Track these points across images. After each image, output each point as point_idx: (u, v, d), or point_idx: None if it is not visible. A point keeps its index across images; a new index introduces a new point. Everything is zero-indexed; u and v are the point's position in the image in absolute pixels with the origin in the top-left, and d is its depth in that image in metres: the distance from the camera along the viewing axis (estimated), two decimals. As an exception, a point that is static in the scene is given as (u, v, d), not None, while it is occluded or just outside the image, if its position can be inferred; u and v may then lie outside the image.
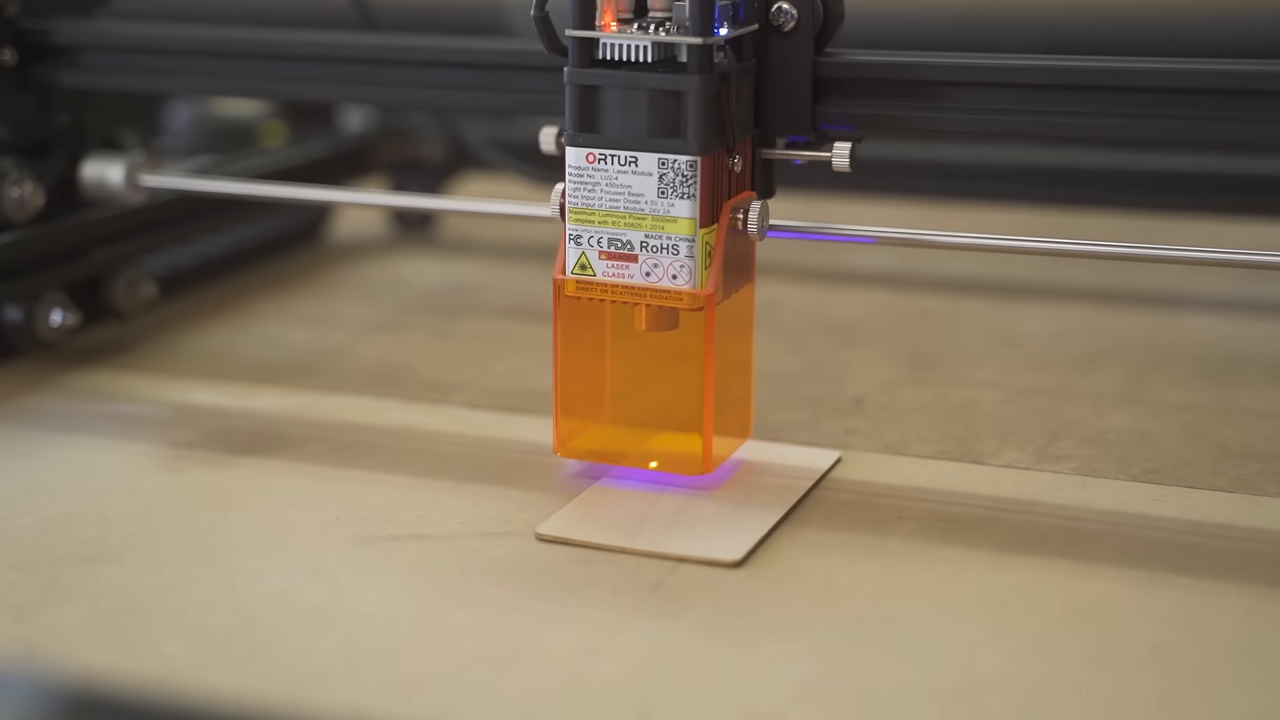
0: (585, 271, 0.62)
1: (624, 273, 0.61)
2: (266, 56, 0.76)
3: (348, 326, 0.87)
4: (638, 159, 0.60)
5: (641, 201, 0.60)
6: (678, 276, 0.60)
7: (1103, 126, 0.63)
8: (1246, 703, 0.49)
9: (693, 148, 0.59)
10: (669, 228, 0.60)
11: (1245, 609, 0.55)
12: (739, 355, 0.65)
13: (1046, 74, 0.63)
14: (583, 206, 0.61)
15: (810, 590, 0.56)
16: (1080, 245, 0.65)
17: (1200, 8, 1.16)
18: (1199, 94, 0.61)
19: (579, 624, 0.54)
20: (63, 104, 0.80)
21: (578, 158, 0.61)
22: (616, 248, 0.61)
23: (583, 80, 0.60)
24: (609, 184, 0.61)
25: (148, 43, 0.78)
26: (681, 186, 0.60)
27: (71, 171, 0.80)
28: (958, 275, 0.96)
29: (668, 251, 0.60)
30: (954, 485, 0.65)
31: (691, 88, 0.59)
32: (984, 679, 0.50)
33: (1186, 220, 0.95)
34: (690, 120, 0.59)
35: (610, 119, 0.60)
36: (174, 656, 0.52)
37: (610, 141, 0.60)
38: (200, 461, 0.67)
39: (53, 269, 0.78)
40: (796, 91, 0.64)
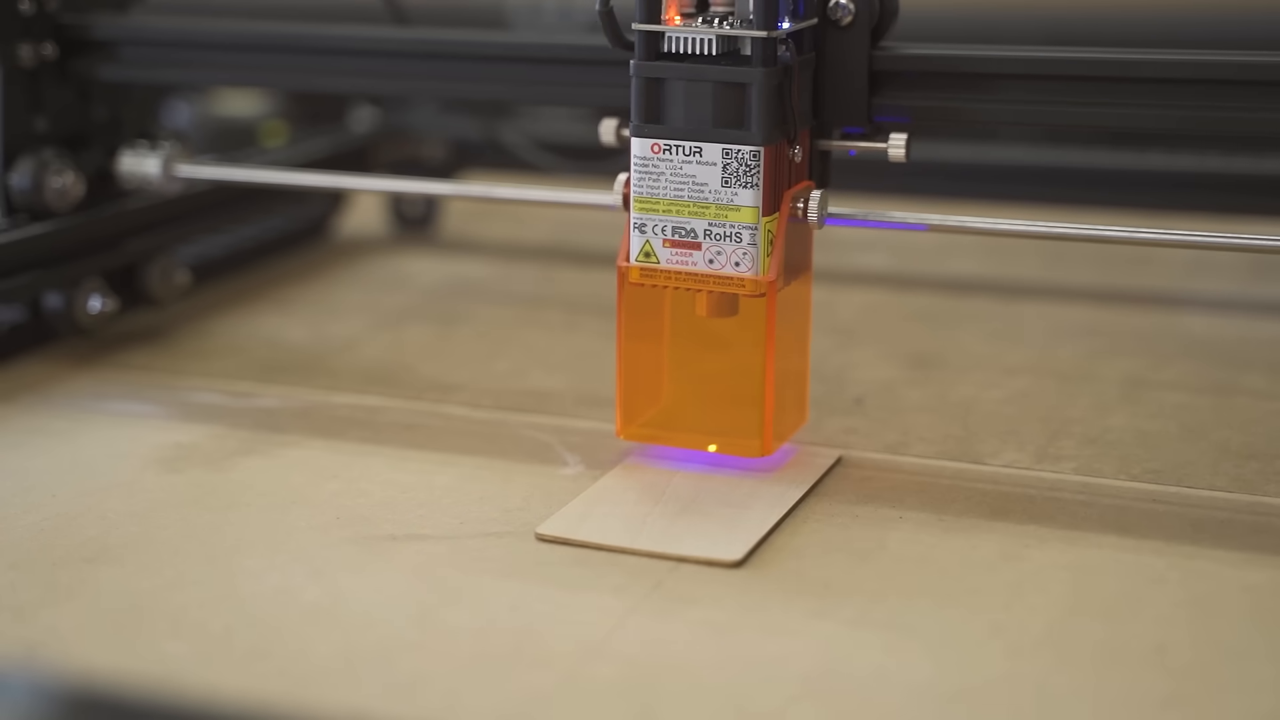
0: (649, 259, 0.63)
1: (687, 260, 0.63)
2: (298, 50, 0.78)
3: (348, 326, 0.87)
4: (702, 149, 0.62)
5: (705, 190, 0.62)
6: (740, 263, 0.62)
7: (1164, 119, 0.64)
8: (1249, 703, 0.49)
9: (756, 138, 0.61)
10: (732, 216, 0.62)
11: (1247, 609, 0.55)
12: (797, 340, 0.67)
13: (1106, 67, 0.64)
14: (647, 195, 0.63)
15: (810, 590, 0.56)
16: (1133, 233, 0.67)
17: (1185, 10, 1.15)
18: (1266, 87, 0.62)
19: (579, 624, 0.54)
20: (101, 97, 0.82)
21: (643, 148, 0.63)
22: (680, 235, 0.62)
23: (649, 73, 0.62)
24: (673, 173, 0.62)
25: (182, 37, 0.81)
26: (745, 176, 0.61)
27: (109, 162, 0.82)
28: (958, 275, 0.96)
29: (731, 239, 0.62)
30: (954, 485, 0.65)
31: (756, 80, 0.61)
32: (985, 679, 0.50)
33: (1186, 220, 0.95)
34: (754, 111, 0.61)
35: (675, 110, 0.62)
36: (174, 656, 0.52)
37: (675, 132, 0.62)
38: (200, 461, 0.67)
39: (92, 257, 0.80)
40: (853, 84, 0.65)
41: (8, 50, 0.78)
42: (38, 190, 0.78)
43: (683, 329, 0.66)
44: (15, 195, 0.79)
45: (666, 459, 0.66)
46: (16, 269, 0.77)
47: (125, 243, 0.82)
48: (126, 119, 0.83)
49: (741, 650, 0.52)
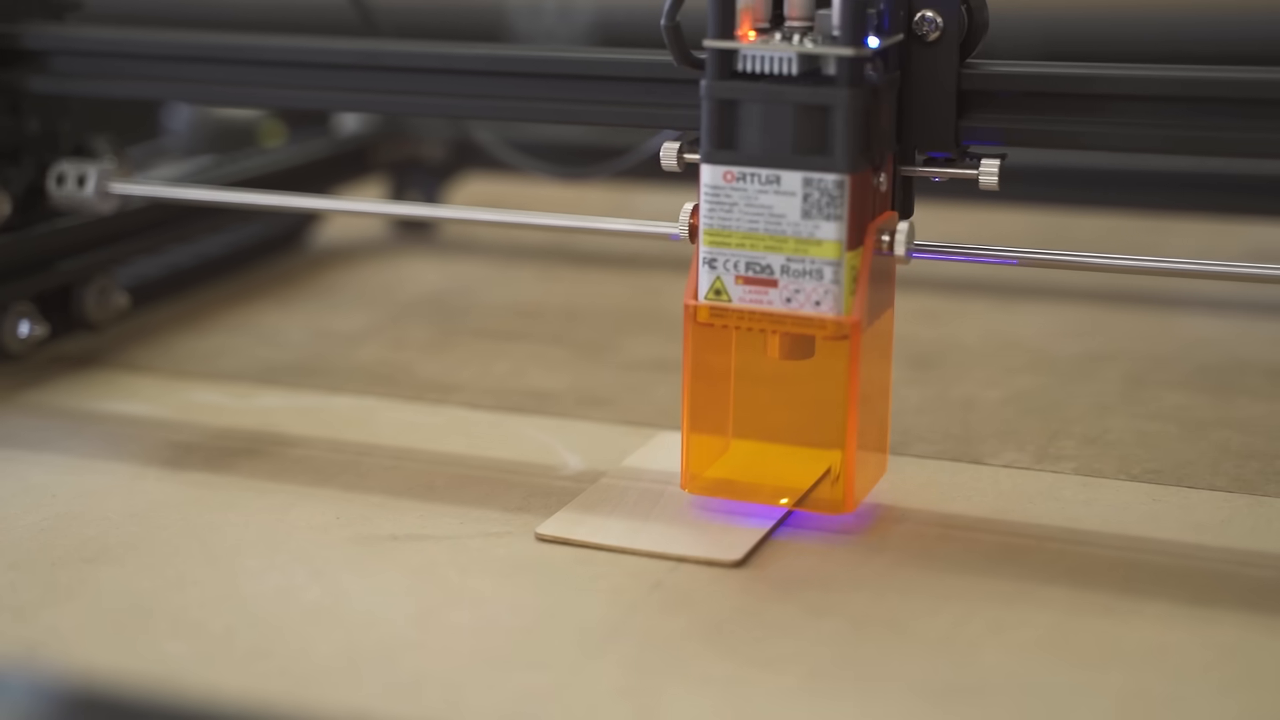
0: (720, 297, 0.58)
1: (762, 299, 0.58)
2: (242, 62, 0.74)
3: (348, 326, 0.87)
4: (780, 178, 0.57)
5: (783, 223, 0.57)
6: (821, 303, 0.57)
7: (1272, 143, 0.60)
8: (1250, 703, 0.49)
9: (840, 165, 0.56)
10: (813, 251, 0.57)
11: (1247, 609, 0.55)
12: (879, 384, 0.61)
13: (1209, 86, 0.59)
14: (719, 228, 0.58)
15: (810, 590, 0.56)
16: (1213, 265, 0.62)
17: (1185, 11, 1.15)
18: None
19: (579, 624, 0.54)
20: (32, 110, 0.78)
21: (714, 176, 0.58)
22: (755, 272, 0.58)
23: (722, 94, 0.57)
24: (748, 204, 0.57)
25: (120, 48, 0.76)
26: (827, 207, 0.56)
27: (40, 179, 0.77)
28: (958, 275, 0.96)
29: (811, 276, 0.57)
30: (954, 485, 0.65)
31: (840, 102, 0.56)
32: (984, 679, 0.50)
33: (1186, 220, 0.96)
34: (838, 136, 0.56)
35: (750, 135, 0.57)
36: (175, 656, 0.52)
37: (751, 159, 0.57)
38: (200, 461, 0.67)
39: (21, 279, 0.76)
40: (940, 105, 0.61)
41: (-69, 62, 0.74)
42: (-40, 208, 0.74)
43: (750, 371, 0.61)
44: (-63, 214, 0.74)
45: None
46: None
47: (57, 264, 0.78)
48: (62, 132, 0.79)
49: (742, 650, 0.52)
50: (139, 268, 0.87)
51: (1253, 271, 0.63)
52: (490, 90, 0.70)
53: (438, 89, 0.71)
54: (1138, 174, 0.93)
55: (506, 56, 0.70)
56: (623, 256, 1.01)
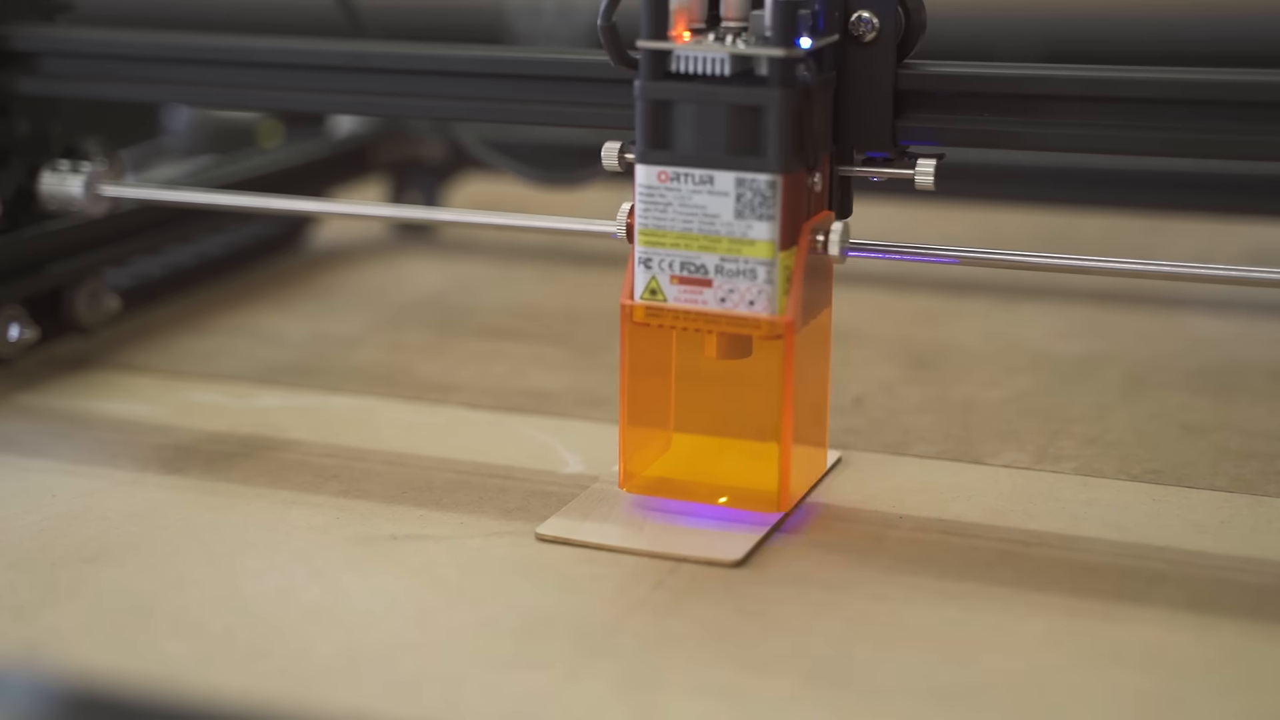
0: (655, 296, 0.58)
1: (697, 298, 0.58)
2: (233, 63, 0.73)
3: (348, 327, 0.87)
4: (714, 178, 0.57)
5: (717, 223, 0.57)
6: (755, 302, 0.57)
7: (1223, 146, 0.60)
8: (1250, 703, 0.49)
9: (773, 166, 0.56)
10: (746, 250, 0.57)
11: (1246, 609, 0.55)
12: (816, 383, 0.62)
13: (1148, 87, 0.59)
14: (653, 228, 0.58)
15: (810, 590, 0.56)
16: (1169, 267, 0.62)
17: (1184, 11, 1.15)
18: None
19: (579, 624, 0.54)
20: (21, 111, 0.77)
21: (649, 176, 0.58)
22: (690, 272, 0.58)
23: (655, 94, 0.57)
24: (682, 204, 0.57)
25: (110, 49, 0.75)
26: (760, 207, 0.57)
27: (30, 181, 0.77)
28: (958, 275, 0.96)
29: (745, 276, 0.57)
30: (954, 485, 0.65)
31: (773, 102, 0.56)
32: (984, 679, 0.50)
33: (1186, 220, 0.96)
34: (771, 137, 0.56)
35: (684, 135, 0.57)
36: (175, 656, 0.52)
37: (684, 159, 0.57)
38: (200, 462, 0.67)
39: (10, 282, 0.75)
40: (877, 105, 0.61)
41: (-81, 62, 0.74)
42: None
43: (690, 371, 0.61)
44: (-75, 217, 0.74)
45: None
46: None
47: (47, 267, 0.77)
48: (52, 134, 0.78)
49: (742, 650, 0.52)
50: (137, 268, 0.87)
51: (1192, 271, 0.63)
52: (475, 92, 0.69)
53: (426, 90, 0.70)
54: (1137, 174, 0.93)
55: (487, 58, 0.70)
56: (622, 257, 1.01)
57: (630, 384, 0.60)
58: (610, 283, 0.95)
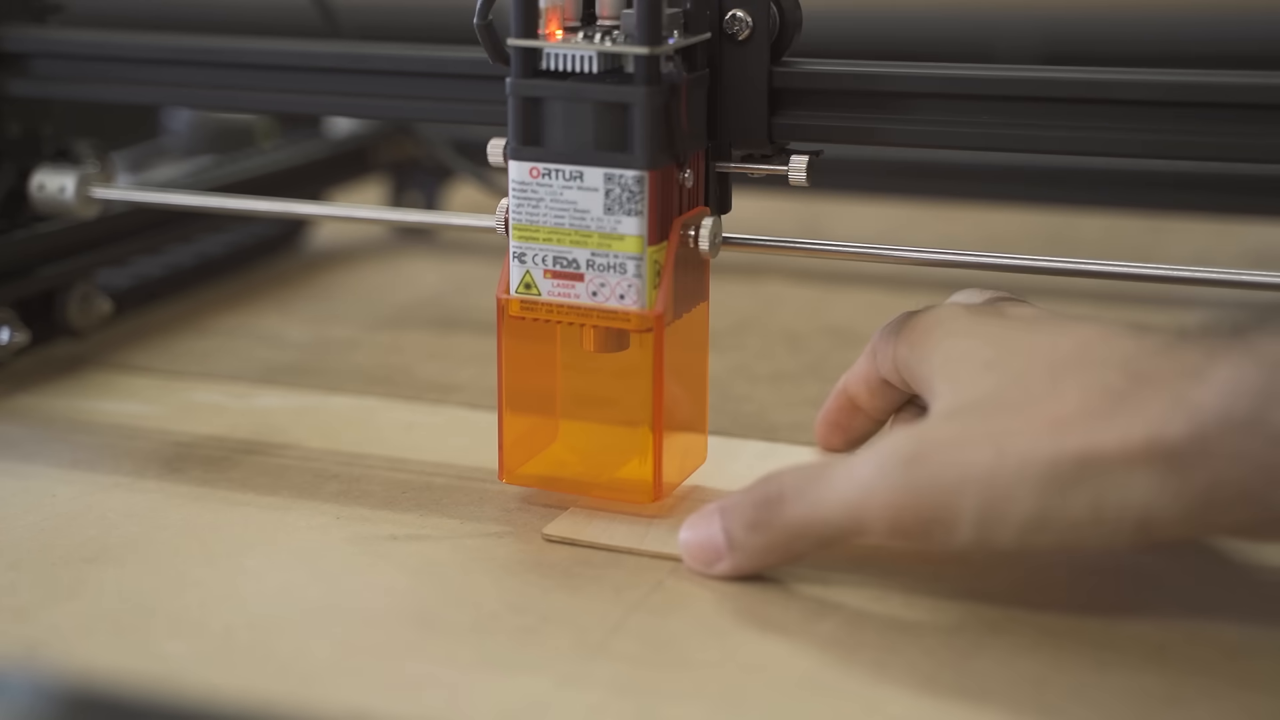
0: (530, 291, 0.59)
1: (570, 292, 0.59)
2: (225, 65, 0.73)
3: (347, 327, 0.87)
4: (583, 174, 0.57)
5: (587, 218, 0.58)
6: (625, 296, 0.58)
7: (1070, 140, 0.60)
8: (1249, 703, 0.49)
9: (640, 162, 0.57)
10: (616, 245, 0.58)
11: (1246, 609, 0.55)
12: (693, 377, 0.62)
13: (1014, 85, 0.60)
14: (526, 223, 0.59)
15: (810, 590, 0.56)
16: (1019, 260, 0.64)
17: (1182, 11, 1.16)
18: (1177, 106, 0.59)
19: (579, 624, 0.54)
20: (12, 113, 0.77)
21: (521, 172, 0.58)
22: (561, 266, 0.58)
23: (525, 91, 0.58)
24: (553, 199, 0.58)
25: (102, 50, 0.75)
26: (629, 203, 0.57)
27: (21, 183, 0.76)
28: (958, 275, 0.95)
29: (615, 270, 0.58)
30: (954, 485, 0.65)
31: (638, 100, 0.56)
32: (984, 679, 0.50)
33: (1186, 220, 0.95)
34: (637, 133, 0.57)
35: (554, 132, 0.58)
36: (174, 656, 0.52)
37: (554, 155, 0.58)
38: (200, 461, 0.67)
39: (1, 285, 0.75)
40: (752, 102, 0.61)
41: (-91, 64, 0.73)
42: (-62, 214, 0.73)
43: (575, 363, 0.62)
44: (-85, 219, 0.74)
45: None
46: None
47: (38, 269, 0.77)
48: (44, 136, 0.78)
49: (741, 650, 0.52)
50: (135, 268, 0.87)
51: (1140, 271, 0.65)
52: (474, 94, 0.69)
53: (419, 92, 0.70)
54: (1137, 174, 0.93)
55: None
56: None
57: (508, 378, 0.61)
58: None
